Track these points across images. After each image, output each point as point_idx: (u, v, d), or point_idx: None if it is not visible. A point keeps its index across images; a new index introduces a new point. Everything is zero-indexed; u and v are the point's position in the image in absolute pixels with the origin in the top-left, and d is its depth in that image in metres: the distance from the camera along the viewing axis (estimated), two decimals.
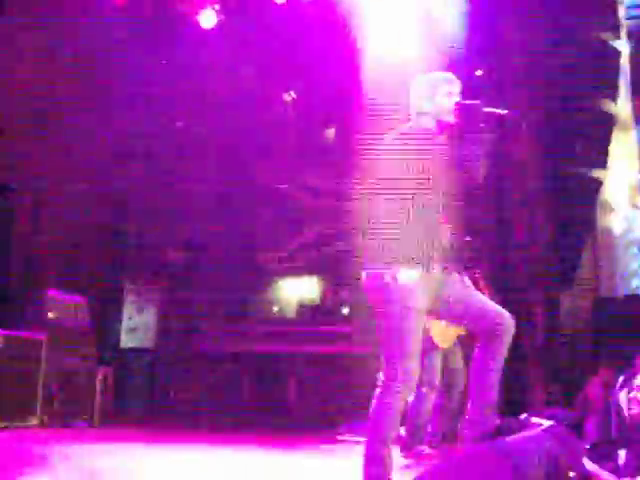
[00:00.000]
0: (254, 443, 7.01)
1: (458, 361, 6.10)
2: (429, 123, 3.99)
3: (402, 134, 3.93)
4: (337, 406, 8.48)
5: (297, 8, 8.81)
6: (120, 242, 10.63)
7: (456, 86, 4.05)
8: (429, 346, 5.77)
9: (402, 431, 6.40)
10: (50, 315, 7.88)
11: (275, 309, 10.38)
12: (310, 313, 10.01)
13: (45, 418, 7.33)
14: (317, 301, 10.10)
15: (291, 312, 10.19)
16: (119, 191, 10.35)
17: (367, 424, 3.73)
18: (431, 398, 5.83)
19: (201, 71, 9.76)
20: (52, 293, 8.08)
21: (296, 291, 10.30)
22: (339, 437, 7.59)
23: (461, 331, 6.01)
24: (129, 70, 9.43)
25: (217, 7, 8.99)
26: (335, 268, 9.57)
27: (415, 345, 3.72)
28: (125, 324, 10.31)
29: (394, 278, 3.70)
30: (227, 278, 10.14)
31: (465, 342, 6.21)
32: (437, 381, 5.85)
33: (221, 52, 9.45)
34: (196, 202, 10.52)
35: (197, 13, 9.03)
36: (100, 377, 8.29)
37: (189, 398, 9.54)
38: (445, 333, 5.95)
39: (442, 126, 4.00)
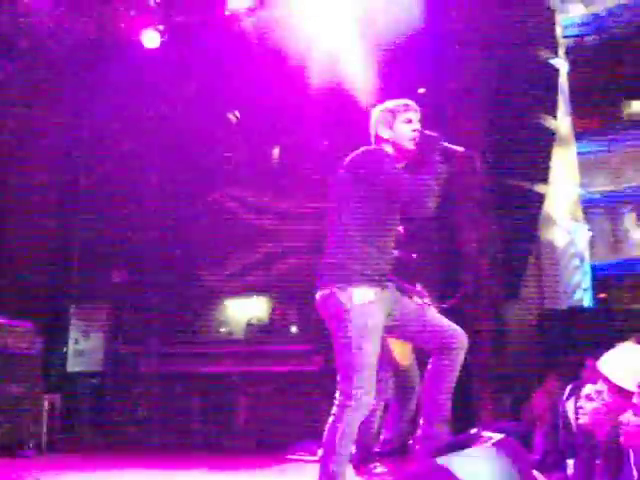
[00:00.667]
0: (205, 464, 6.96)
1: (413, 369, 6.10)
2: (388, 149, 4.01)
3: (358, 155, 3.95)
4: (287, 425, 8.45)
5: (240, 27, 8.83)
6: (64, 265, 10.49)
7: (416, 113, 4.08)
8: (386, 362, 5.78)
9: (354, 448, 6.41)
10: None
11: (224, 329, 10.32)
12: (259, 332, 9.98)
13: None
14: (265, 320, 10.07)
15: (240, 332, 10.14)
16: (63, 213, 10.24)
17: (324, 443, 3.72)
18: (379, 413, 5.82)
19: (145, 91, 9.72)
20: None
21: (244, 311, 10.26)
22: (290, 456, 7.56)
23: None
24: (71, 89, 9.37)
25: (161, 27, 8.97)
26: (283, 287, 9.57)
27: (372, 364, 3.72)
28: (71, 348, 10.15)
29: (349, 298, 3.70)
30: (174, 298, 10.07)
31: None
32: (387, 395, 5.85)
33: (164, 72, 9.43)
34: (141, 222, 10.44)
35: (139, 33, 8.99)
36: (47, 403, 8.15)
37: (138, 420, 9.44)
38: (403, 350, 5.95)
39: (401, 153, 4.04)
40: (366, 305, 3.69)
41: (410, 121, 4.04)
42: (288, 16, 8.55)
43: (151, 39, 8.98)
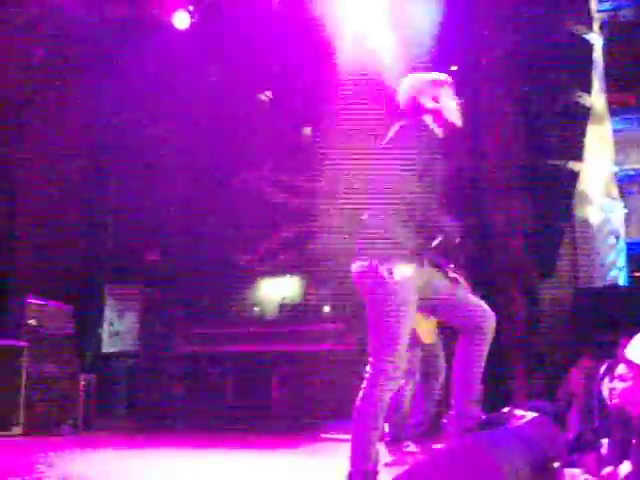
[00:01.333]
0: (238, 444, 7.01)
1: (438, 350, 6.09)
2: (429, 121, 3.93)
3: (400, 130, 3.88)
4: (320, 405, 8.48)
5: (272, 8, 8.79)
6: (98, 246, 10.59)
7: (445, 89, 4.00)
8: (410, 340, 5.76)
9: (387, 427, 6.42)
10: (31, 322, 7.84)
11: (256, 309, 10.37)
12: (291, 312, 10.00)
13: (28, 427, 7.29)
14: (298, 300, 10.09)
15: (272, 312, 10.18)
16: (94, 196, 10.33)
17: (354, 417, 3.68)
18: (409, 389, 5.82)
19: (177, 72, 9.73)
20: (32, 300, 8.03)
21: (277, 291, 10.29)
22: (323, 436, 7.59)
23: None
24: (101, 69, 9.41)
25: (191, 8, 8.96)
26: (315, 267, 9.57)
27: (405, 338, 3.71)
28: (106, 329, 10.26)
29: (390, 272, 3.66)
30: (207, 279, 10.12)
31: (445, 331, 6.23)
32: (417, 373, 5.85)
33: (196, 53, 9.43)
34: (174, 203, 10.50)
35: (171, 15, 8.98)
36: (83, 383, 8.25)
37: (172, 400, 9.52)
38: (429, 328, 5.95)
39: (445, 125, 3.98)
40: (405, 280, 3.65)
41: (451, 93, 4.00)
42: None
43: (182, 20, 8.99)
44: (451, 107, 3.98)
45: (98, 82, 9.56)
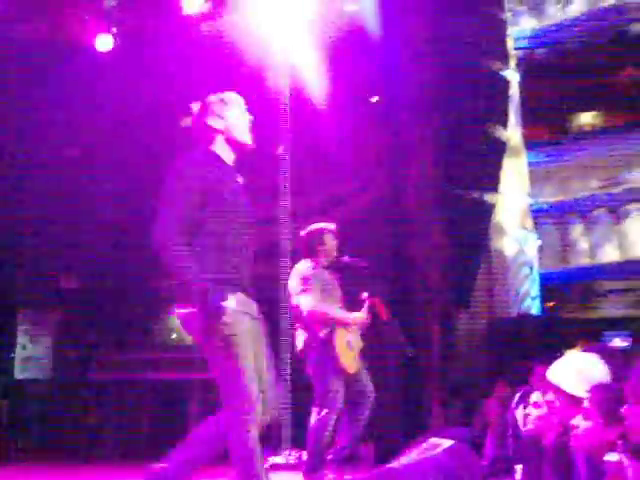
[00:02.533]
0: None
1: (363, 378, 6.12)
2: (220, 143, 3.88)
3: (192, 158, 3.80)
4: None
5: (194, 32, 8.80)
6: (12, 269, 10.34)
7: (235, 107, 3.94)
8: (333, 369, 5.79)
9: (304, 455, 6.41)
10: None
11: (174, 336, 10.26)
12: None
13: None
14: None
15: (190, 338, 10.07)
16: (11, 216, 10.10)
17: (234, 465, 3.57)
18: (332, 421, 5.81)
19: (98, 95, 9.62)
20: None
21: None
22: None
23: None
24: (21, 96, 9.26)
25: (115, 30, 8.88)
26: None
27: (252, 370, 3.57)
28: (19, 354, 10.00)
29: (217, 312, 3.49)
30: (124, 305, 9.97)
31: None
32: (339, 404, 5.85)
33: (117, 77, 9.34)
34: (90, 227, 10.34)
35: (93, 37, 8.90)
36: None
37: (87, 428, 9.32)
38: (351, 357, 5.97)
39: (236, 145, 3.93)
40: (233, 311, 3.52)
41: (243, 113, 3.94)
42: (243, 20, 8.54)
43: (104, 43, 8.90)
44: (241, 125, 3.91)
45: (17, 100, 9.39)
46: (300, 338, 5.99)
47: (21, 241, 10.46)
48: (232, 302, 3.52)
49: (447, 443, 4.06)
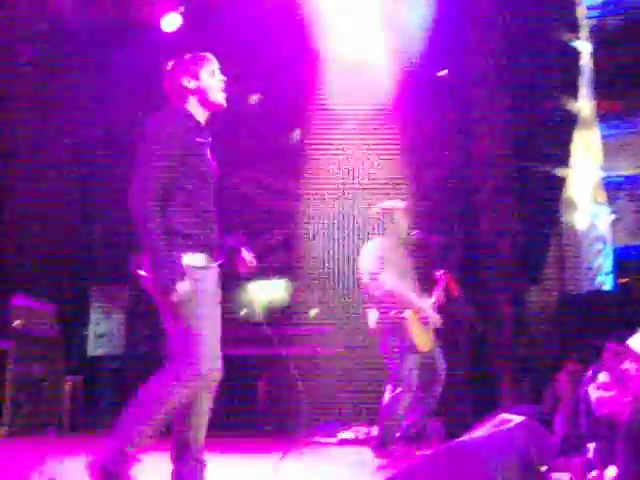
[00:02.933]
0: (226, 448, 6.98)
1: (437, 357, 6.10)
2: (194, 103, 3.93)
3: (160, 119, 3.85)
4: (306, 408, 8.46)
5: (260, 10, 8.77)
6: (84, 246, 10.53)
7: (209, 67, 3.98)
8: (408, 348, 5.79)
9: (374, 430, 6.43)
10: (16, 324, 7.80)
11: (243, 312, 10.33)
12: (278, 315, 9.98)
13: (13, 428, 7.25)
14: (286, 303, 10.08)
15: (259, 314, 10.14)
16: (82, 194, 10.29)
17: (132, 402, 3.69)
18: (407, 399, 5.82)
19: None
20: (17, 301, 7.99)
21: (264, 293, 10.26)
22: (308, 439, 7.58)
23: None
24: (90, 75, 9.38)
25: (182, 9, 8.89)
26: (303, 270, 9.57)
27: (214, 331, 3.74)
28: (92, 330, 10.19)
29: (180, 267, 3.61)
30: None
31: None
32: (414, 382, 5.84)
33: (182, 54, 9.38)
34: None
35: (160, 17, 8.93)
36: (69, 385, 8.22)
37: None
38: (425, 336, 5.96)
39: (210, 106, 3.98)
40: (198, 270, 3.70)
41: (214, 72, 3.98)
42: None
43: (171, 22, 8.92)
44: (214, 86, 3.95)
45: (86, 82, 9.52)
46: (372, 317, 5.99)
47: (92, 219, 10.64)
48: (196, 260, 3.68)
49: (518, 419, 4.02)
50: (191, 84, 3.89)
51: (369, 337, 6.27)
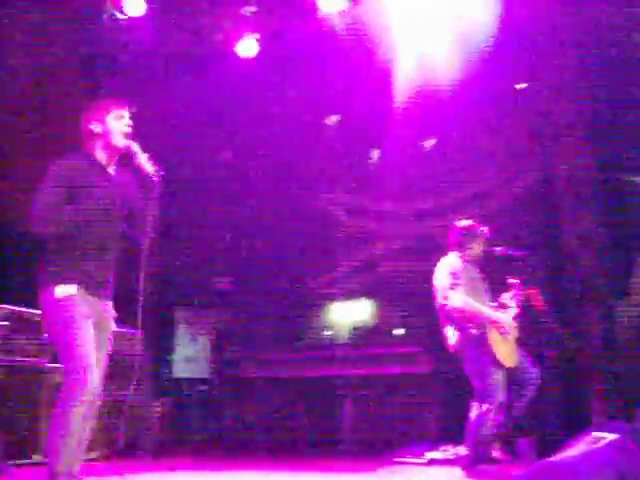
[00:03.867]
0: (314, 467, 6.99)
1: (526, 367, 6.01)
2: (99, 146, 4.25)
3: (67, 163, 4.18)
4: (394, 428, 8.41)
5: (333, 31, 8.82)
6: (169, 271, 10.72)
7: (126, 112, 4.31)
8: (492, 364, 5.73)
9: (462, 450, 6.35)
10: None
11: (328, 333, 10.36)
12: (364, 335, 9.97)
13: (105, 451, 7.38)
14: (370, 323, 10.06)
15: (344, 335, 10.16)
16: (168, 218, 10.48)
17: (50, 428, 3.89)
18: (492, 416, 5.73)
19: (244, 99, 9.83)
20: None
21: (349, 314, 10.27)
22: (397, 459, 7.52)
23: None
24: (170, 100, 9.58)
25: (257, 36, 9.00)
26: (387, 289, 9.54)
27: (87, 352, 3.93)
28: (178, 354, 10.36)
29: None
30: (277, 303, 10.17)
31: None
32: (500, 398, 5.75)
33: (261, 81, 9.49)
34: (244, 228, 10.62)
35: (235, 43, 9.05)
36: (157, 408, 8.34)
37: (245, 425, 9.55)
38: (508, 351, 5.89)
39: (112, 148, 4.26)
40: (70, 298, 4.02)
41: (121, 117, 4.28)
42: (380, 16, 8.51)
43: (248, 48, 9.04)
44: (117, 130, 4.24)
45: (166, 109, 9.71)
46: (452, 336, 5.94)
47: (178, 244, 10.83)
48: (69, 290, 4.01)
49: (610, 437, 3.90)
50: (97, 128, 4.24)
51: (453, 355, 6.19)
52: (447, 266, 6.00)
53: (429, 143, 9.65)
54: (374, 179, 10.00)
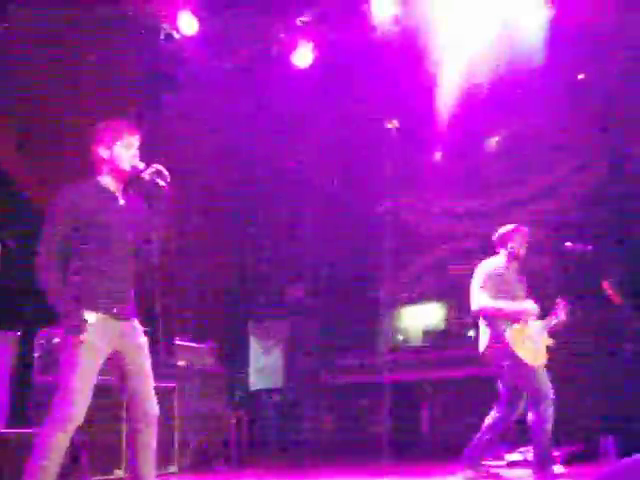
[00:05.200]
0: (392, 472, 6.97)
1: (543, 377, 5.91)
2: (106, 171, 4.16)
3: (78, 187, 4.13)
4: (471, 430, 8.30)
5: (388, 36, 8.78)
6: (240, 283, 10.84)
7: (137, 139, 4.19)
8: (522, 366, 5.67)
9: (529, 456, 6.24)
10: (180, 363, 8.08)
11: (400, 337, 10.30)
12: (436, 339, 9.88)
13: (183, 465, 7.46)
14: (442, 326, 9.97)
15: (416, 339, 10.09)
16: (237, 233, 10.60)
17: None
18: (549, 413, 5.66)
19: (306, 107, 9.86)
20: (180, 341, 8.30)
21: (420, 318, 10.20)
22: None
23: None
24: (233, 112, 9.68)
25: (311, 44, 9.02)
26: (457, 291, 9.45)
27: (79, 381, 3.83)
28: (253, 365, 10.43)
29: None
30: (349, 310, 10.16)
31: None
32: (550, 393, 5.67)
33: (319, 89, 9.51)
34: (312, 236, 10.66)
35: (290, 54, 9.09)
36: (233, 420, 8.40)
37: (323, 433, 9.56)
38: (532, 350, 5.80)
39: (119, 174, 4.16)
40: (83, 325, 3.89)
41: (130, 146, 4.17)
42: (432, 22, 8.45)
43: (303, 57, 9.06)
44: (124, 156, 4.13)
45: (230, 119, 9.83)
46: (482, 339, 5.93)
47: (247, 257, 10.94)
48: (87, 323, 3.89)
49: None
50: (105, 154, 4.16)
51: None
52: (482, 269, 5.98)
53: (494, 140, 9.54)
54: (440, 180, 9.94)
